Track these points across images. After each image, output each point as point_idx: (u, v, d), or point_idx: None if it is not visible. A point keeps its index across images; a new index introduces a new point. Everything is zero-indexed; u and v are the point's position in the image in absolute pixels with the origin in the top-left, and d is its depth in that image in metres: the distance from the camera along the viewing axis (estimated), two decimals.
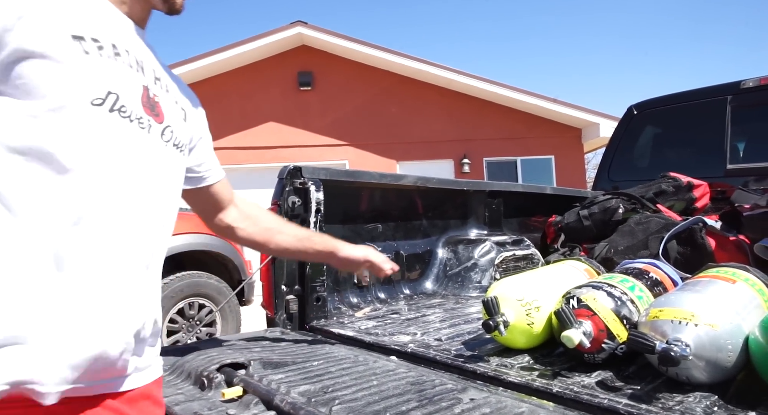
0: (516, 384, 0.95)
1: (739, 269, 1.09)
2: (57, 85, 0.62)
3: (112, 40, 0.70)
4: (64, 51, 0.62)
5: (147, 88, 0.74)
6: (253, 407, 0.84)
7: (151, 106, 0.74)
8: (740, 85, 2.57)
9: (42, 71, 0.61)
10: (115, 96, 0.67)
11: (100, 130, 0.65)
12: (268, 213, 1.17)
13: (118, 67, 0.69)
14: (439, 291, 2.06)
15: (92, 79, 0.65)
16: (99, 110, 0.65)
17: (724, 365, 0.83)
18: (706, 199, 2.35)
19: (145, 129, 0.72)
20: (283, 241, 1.14)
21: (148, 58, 0.77)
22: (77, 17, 0.66)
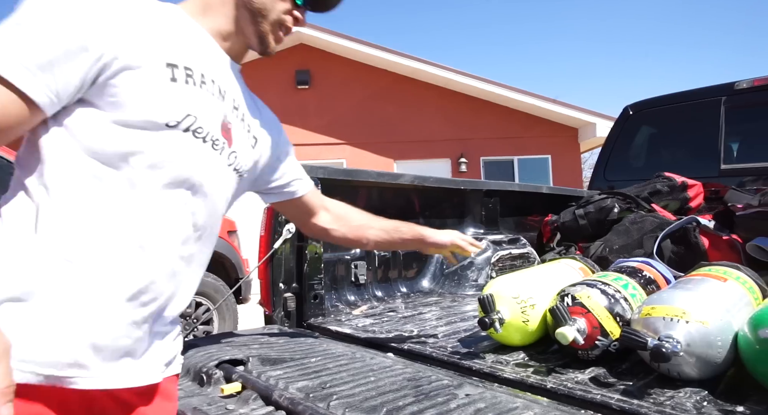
0: (511, 380, 0.96)
1: (731, 268, 1.11)
2: (142, 103, 0.71)
3: (202, 70, 0.79)
4: (155, 75, 0.72)
5: (225, 115, 0.83)
6: (252, 403, 0.85)
7: (227, 131, 0.83)
8: (734, 86, 2.60)
9: (132, 90, 0.70)
10: (193, 118, 0.76)
11: (171, 146, 0.74)
12: (355, 210, 1.21)
13: (202, 94, 0.78)
14: (436, 289, 2.07)
15: (174, 101, 0.74)
16: (174, 130, 0.74)
17: (714, 361, 0.84)
18: (700, 199, 2.37)
19: (218, 150, 0.81)
20: (374, 235, 1.20)
21: (232, 89, 0.87)
22: (175, 48, 0.76)
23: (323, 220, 1.16)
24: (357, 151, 8.98)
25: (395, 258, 1.98)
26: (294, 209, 1.14)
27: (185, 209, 0.78)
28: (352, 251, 1.86)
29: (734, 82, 2.60)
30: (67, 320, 0.68)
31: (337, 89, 9.05)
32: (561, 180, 9.03)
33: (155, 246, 0.75)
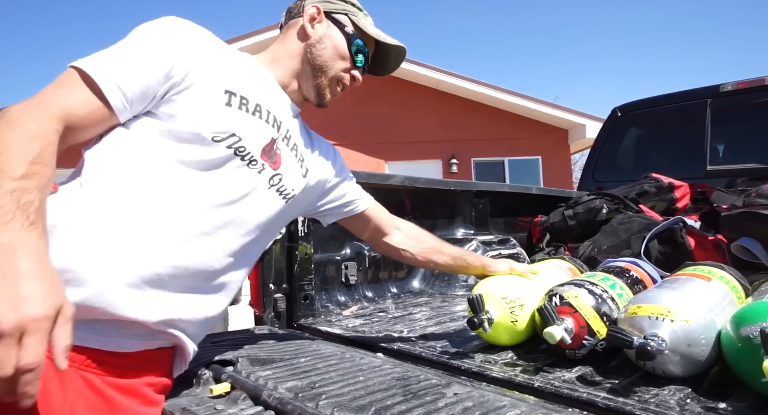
0: (499, 379, 0.97)
1: (715, 268, 1.12)
2: (195, 118, 0.82)
3: (258, 101, 0.91)
4: (212, 96, 0.84)
5: (274, 140, 0.93)
6: (241, 403, 0.85)
7: (270, 155, 0.93)
8: (719, 88, 2.64)
9: (190, 107, 0.82)
10: (237, 138, 0.86)
11: (213, 159, 0.84)
12: (425, 233, 1.30)
13: (252, 119, 0.89)
14: (426, 290, 2.08)
15: (223, 121, 0.85)
16: (219, 145, 0.84)
17: (697, 359, 0.86)
18: (686, 199, 2.40)
19: (255, 170, 0.90)
20: (441, 260, 1.27)
21: (287, 122, 0.98)
22: (237, 80, 0.88)
23: (396, 239, 1.24)
24: (348, 152, 8.98)
25: (385, 259, 1.99)
26: (361, 227, 1.23)
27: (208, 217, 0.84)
28: (343, 251, 1.86)
29: (719, 85, 2.64)
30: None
31: None
32: (551, 181, 9.10)
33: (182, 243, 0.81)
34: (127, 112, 0.81)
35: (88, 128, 0.80)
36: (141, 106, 0.82)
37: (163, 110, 0.82)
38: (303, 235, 1.59)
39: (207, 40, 0.88)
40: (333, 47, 0.99)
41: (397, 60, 1.10)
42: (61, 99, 0.76)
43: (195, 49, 0.84)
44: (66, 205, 0.76)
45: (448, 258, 1.27)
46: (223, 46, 0.91)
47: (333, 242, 1.83)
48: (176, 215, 0.80)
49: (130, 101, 0.80)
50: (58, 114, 0.74)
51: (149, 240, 0.78)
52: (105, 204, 0.77)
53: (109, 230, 0.76)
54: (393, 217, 1.27)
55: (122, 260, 0.75)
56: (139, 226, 0.77)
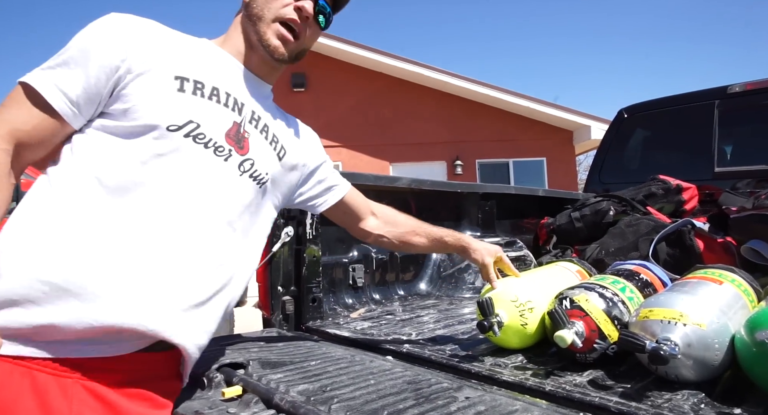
0: (510, 383, 0.97)
1: (726, 271, 1.12)
2: (148, 107, 0.79)
3: (215, 84, 0.87)
4: (162, 84, 0.81)
5: (238, 124, 0.89)
6: (253, 406, 0.86)
7: (237, 140, 0.88)
8: (727, 89, 2.62)
9: (140, 96, 0.79)
10: (195, 124, 0.82)
11: (174, 151, 0.80)
12: (403, 216, 1.26)
13: (209, 104, 0.85)
14: (433, 292, 2.08)
15: (177, 108, 0.81)
16: (176, 134, 0.80)
17: (711, 364, 0.85)
18: (694, 201, 2.39)
19: (222, 157, 0.86)
20: (419, 242, 1.24)
21: (252, 103, 0.93)
22: (189, 65, 0.85)
23: (371, 225, 1.21)
24: (353, 154, 8.99)
25: (392, 261, 1.99)
26: (339, 213, 1.19)
27: (181, 211, 0.80)
28: (350, 254, 1.86)
29: (727, 86, 2.63)
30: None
31: (332, 92, 9.07)
32: (556, 182, 9.08)
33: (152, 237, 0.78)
34: (78, 117, 0.79)
35: (43, 142, 0.79)
36: (92, 109, 0.80)
37: (115, 108, 0.80)
38: (311, 237, 1.60)
39: (150, 30, 0.84)
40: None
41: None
42: (7, 117, 0.76)
43: (137, 41, 0.81)
44: (34, 220, 0.75)
45: (426, 240, 1.24)
46: (171, 34, 0.87)
47: (340, 244, 1.83)
48: (148, 216, 0.78)
49: (77, 105, 0.78)
50: (4, 133, 0.75)
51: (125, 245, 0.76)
52: (79, 215, 0.75)
53: (85, 240, 0.74)
54: (369, 202, 1.23)
55: (105, 269, 0.74)
56: (112, 232, 0.76)
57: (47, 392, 0.71)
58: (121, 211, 0.76)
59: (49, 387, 0.72)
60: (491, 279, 1.23)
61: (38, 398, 0.71)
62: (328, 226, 1.72)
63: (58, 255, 0.72)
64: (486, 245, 1.28)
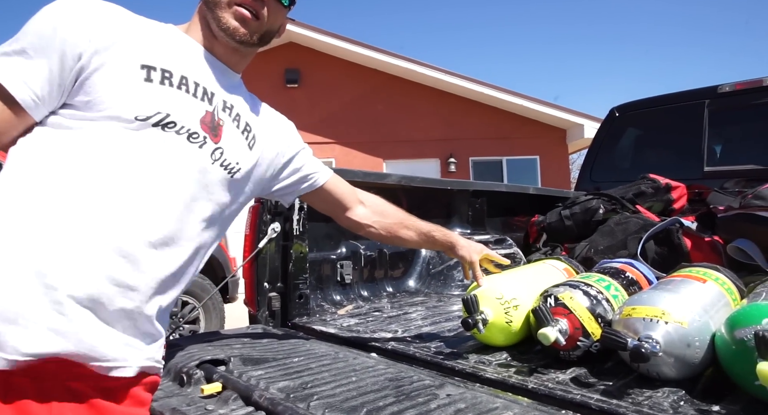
0: (493, 380, 0.97)
1: (710, 269, 1.12)
2: (112, 100, 0.75)
3: (184, 73, 0.84)
4: (128, 74, 0.77)
5: (211, 113, 0.86)
6: (232, 403, 0.85)
7: (212, 128, 0.86)
8: (717, 89, 2.63)
9: (105, 89, 0.75)
10: (163, 115, 0.79)
11: (140, 138, 0.77)
12: (392, 207, 1.24)
13: (178, 94, 0.82)
14: (422, 289, 2.07)
15: (144, 99, 0.77)
16: (144, 124, 0.77)
17: (691, 362, 0.85)
18: (683, 200, 2.40)
19: (197, 143, 0.83)
20: (407, 235, 1.23)
21: (221, 91, 0.90)
22: (156, 53, 0.81)
23: (359, 214, 1.19)
24: (346, 151, 8.97)
25: (381, 258, 1.98)
26: (322, 202, 1.16)
27: (152, 201, 0.77)
28: (339, 250, 1.85)
29: (717, 86, 2.64)
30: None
31: (326, 88, 9.02)
32: (549, 181, 9.10)
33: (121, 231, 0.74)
34: (40, 107, 0.75)
35: (2, 134, 0.74)
36: (55, 99, 0.76)
37: (79, 99, 0.75)
38: (298, 233, 1.59)
39: (114, 14, 0.80)
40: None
41: None
42: None
43: (100, 26, 0.76)
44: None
45: (413, 234, 1.23)
46: (137, 20, 0.83)
47: (328, 240, 1.82)
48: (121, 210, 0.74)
49: (40, 96, 0.74)
50: None
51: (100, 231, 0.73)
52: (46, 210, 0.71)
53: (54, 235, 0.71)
54: (357, 190, 1.20)
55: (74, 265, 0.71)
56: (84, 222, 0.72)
57: (24, 395, 0.69)
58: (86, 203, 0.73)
59: (26, 393, 0.69)
60: (477, 276, 1.22)
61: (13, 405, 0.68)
62: (316, 222, 1.71)
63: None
64: (472, 242, 1.28)
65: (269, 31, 0.93)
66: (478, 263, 1.24)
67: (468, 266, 1.27)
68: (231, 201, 0.92)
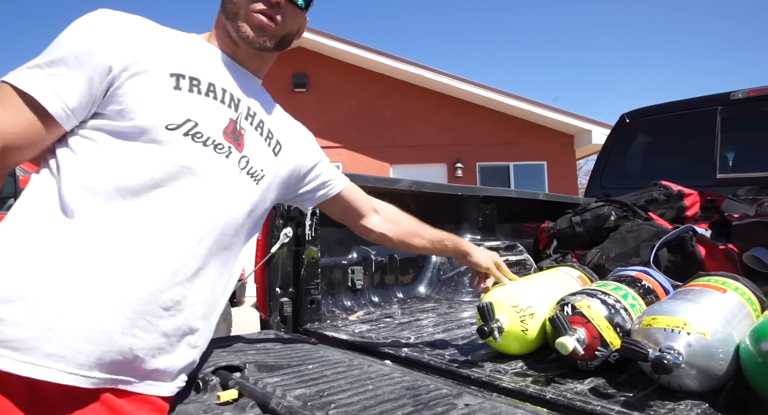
0: (510, 390, 0.95)
1: (730, 279, 1.10)
2: (145, 107, 0.77)
3: (211, 80, 0.85)
4: (158, 82, 0.79)
5: (235, 121, 0.88)
6: (249, 411, 0.84)
7: (235, 137, 0.87)
8: (730, 96, 2.61)
9: (136, 96, 0.77)
10: (192, 123, 0.80)
11: (170, 148, 0.78)
12: (405, 215, 1.26)
13: (206, 101, 0.83)
14: (433, 295, 2.06)
15: (174, 107, 0.79)
16: (174, 133, 0.79)
17: (715, 374, 0.84)
18: (696, 207, 2.38)
19: (223, 154, 0.84)
20: (419, 244, 1.24)
21: (247, 99, 0.92)
22: (183, 61, 0.83)
23: (373, 222, 1.20)
24: (353, 155, 8.98)
25: (392, 264, 1.97)
26: (338, 210, 1.18)
27: (184, 212, 0.79)
28: (349, 256, 1.85)
29: (730, 92, 2.62)
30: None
31: (334, 93, 9.06)
32: (556, 186, 9.07)
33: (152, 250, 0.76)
34: (71, 119, 0.76)
35: (32, 144, 0.75)
36: (85, 110, 0.77)
37: (111, 108, 0.77)
38: (311, 238, 1.58)
39: (142, 26, 0.82)
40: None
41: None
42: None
43: (130, 39, 0.78)
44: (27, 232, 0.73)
45: (426, 242, 1.24)
46: (162, 30, 0.86)
47: (339, 246, 1.82)
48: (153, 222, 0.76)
49: (71, 108, 0.75)
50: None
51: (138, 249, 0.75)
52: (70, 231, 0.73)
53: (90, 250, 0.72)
54: (371, 199, 1.22)
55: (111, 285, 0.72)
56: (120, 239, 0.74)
57: (45, 391, 0.70)
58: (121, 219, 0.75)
59: (48, 391, 0.70)
60: (499, 278, 1.24)
61: (34, 397, 0.70)
62: (328, 227, 1.71)
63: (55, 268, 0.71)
64: (485, 251, 1.28)
65: (288, 35, 0.94)
66: (494, 269, 1.24)
67: (480, 274, 1.27)
68: (257, 208, 0.93)
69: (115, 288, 0.72)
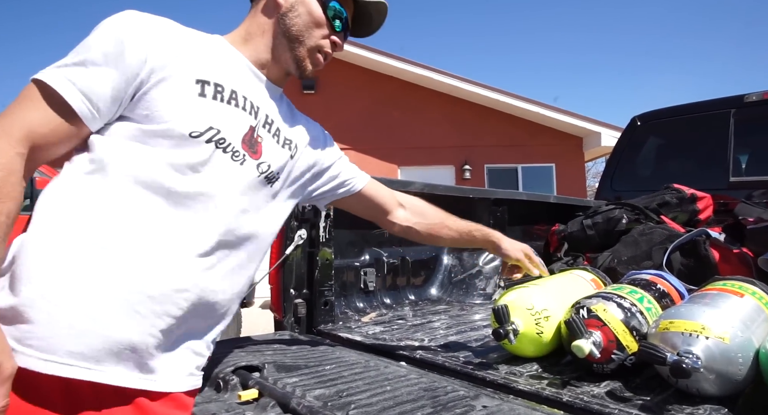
0: (526, 392, 0.96)
1: (746, 283, 1.10)
2: (170, 113, 0.77)
3: (233, 87, 0.86)
4: (184, 88, 0.79)
5: (253, 128, 0.88)
6: (270, 410, 0.85)
7: (251, 144, 0.87)
8: (744, 99, 2.60)
9: (163, 101, 0.77)
10: (215, 131, 0.81)
11: (192, 155, 0.79)
12: (431, 207, 1.25)
13: (228, 109, 0.84)
14: (444, 297, 2.07)
15: (198, 114, 0.80)
16: (198, 141, 0.79)
17: (734, 378, 0.84)
18: (709, 211, 2.37)
19: (238, 161, 0.85)
20: (447, 235, 1.23)
21: (266, 106, 0.92)
22: (208, 67, 0.83)
23: (399, 216, 1.20)
24: (362, 157, 8.99)
25: (404, 265, 1.98)
26: (361, 207, 1.18)
27: (202, 218, 0.80)
28: (362, 257, 1.86)
29: (744, 95, 2.61)
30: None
31: (342, 95, 9.08)
32: (565, 189, 9.03)
33: (172, 253, 0.77)
34: (97, 120, 0.76)
35: (58, 144, 0.76)
36: (112, 112, 0.77)
37: (138, 112, 0.78)
38: (325, 240, 1.60)
39: (170, 29, 0.82)
40: (307, 14, 0.90)
41: (379, 17, 1.01)
42: (22, 118, 0.72)
43: (157, 42, 0.78)
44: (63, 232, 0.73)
45: (454, 233, 1.23)
46: (189, 33, 0.85)
47: (352, 247, 1.83)
48: (172, 224, 0.77)
49: (97, 108, 0.75)
50: (20, 136, 0.71)
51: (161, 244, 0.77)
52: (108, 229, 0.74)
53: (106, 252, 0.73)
54: (395, 193, 1.22)
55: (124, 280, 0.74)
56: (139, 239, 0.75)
57: (78, 390, 0.72)
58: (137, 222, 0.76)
59: (81, 386, 0.72)
60: (530, 269, 1.24)
61: (69, 397, 0.71)
62: (341, 229, 1.72)
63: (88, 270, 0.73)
64: (516, 242, 1.28)
65: None
66: (525, 261, 1.24)
67: (510, 264, 1.27)
68: (275, 212, 0.95)
69: (130, 287, 0.74)
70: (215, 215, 0.81)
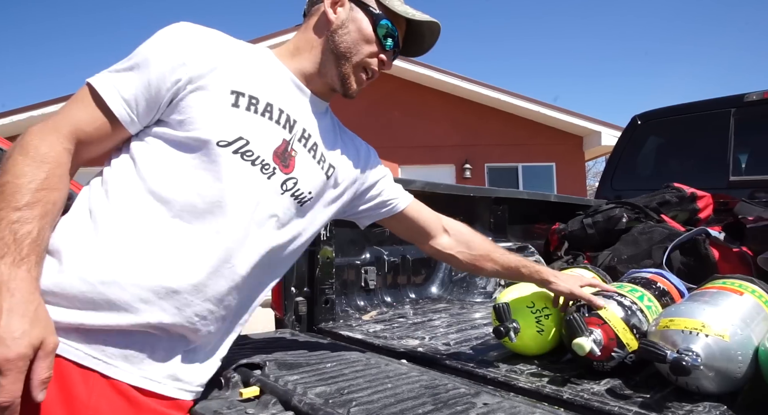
0: (526, 390, 0.96)
1: (745, 281, 1.11)
2: (200, 122, 0.80)
3: (270, 100, 0.87)
4: (218, 98, 0.82)
5: (287, 142, 0.89)
6: (272, 407, 0.86)
7: (283, 158, 0.88)
8: (744, 98, 2.60)
9: (195, 111, 0.81)
10: (244, 141, 0.83)
11: (219, 164, 0.81)
12: (477, 236, 1.19)
13: (260, 121, 0.85)
14: (444, 296, 2.07)
15: (228, 124, 0.82)
16: (225, 150, 0.81)
17: (734, 376, 0.84)
18: (709, 210, 2.37)
19: (267, 174, 0.86)
20: (491, 268, 1.16)
21: (305, 120, 0.92)
22: (246, 79, 0.85)
23: (443, 244, 1.15)
24: None
25: (404, 264, 1.99)
26: (404, 228, 1.15)
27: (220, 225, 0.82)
28: (363, 256, 1.86)
29: (744, 94, 2.61)
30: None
31: None
32: (565, 188, 9.04)
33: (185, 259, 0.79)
34: (135, 123, 0.81)
35: (99, 143, 0.81)
36: (149, 116, 0.82)
37: (173, 117, 0.82)
38: (326, 238, 1.60)
39: (214, 41, 0.85)
40: (357, 31, 0.90)
41: (432, 37, 1.00)
42: (71, 116, 0.78)
43: (200, 52, 0.82)
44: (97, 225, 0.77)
45: (499, 267, 1.15)
46: (233, 45, 0.88)
47: (353, 246, 1.84)
48: (191, 229, 0.80)
49: (136, 112, 0.80)
50: (68, 132, 0.77)
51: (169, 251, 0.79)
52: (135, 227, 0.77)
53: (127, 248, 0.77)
54: (441, 217, 1.17)
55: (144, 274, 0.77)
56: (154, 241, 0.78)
57: (69, 378, 0.72)
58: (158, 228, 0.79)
59: (72, 375, 0.72)
60: (597, 305, 1.04)
61: (60, 385, 0.72)
62: (342, 227, 1.73)
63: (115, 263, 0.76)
64: (567, 275, 1.16)
65: None
66: (583, 291, 1.10)
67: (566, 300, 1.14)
68: (304, 228, 0.95)
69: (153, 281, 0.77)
70: (233, 225, 0.82)
